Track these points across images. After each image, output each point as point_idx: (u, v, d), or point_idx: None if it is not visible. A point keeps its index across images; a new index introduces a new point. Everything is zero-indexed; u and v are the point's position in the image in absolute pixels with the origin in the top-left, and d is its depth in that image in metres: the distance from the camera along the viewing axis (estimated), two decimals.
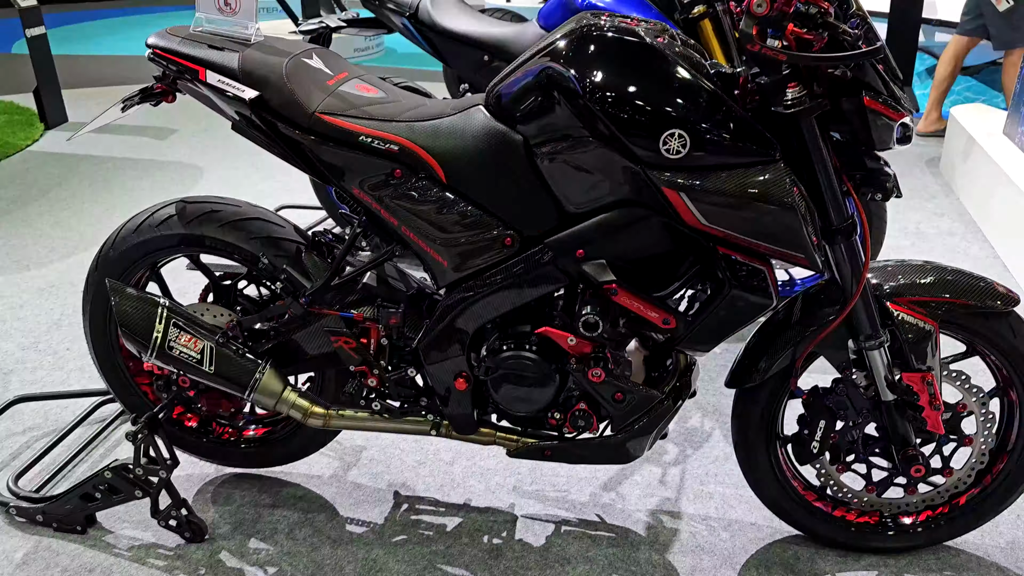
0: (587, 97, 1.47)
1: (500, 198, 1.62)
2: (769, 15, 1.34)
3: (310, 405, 1.83)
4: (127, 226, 1.90)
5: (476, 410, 1.81)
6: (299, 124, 1.64)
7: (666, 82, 1.45)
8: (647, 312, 1.60)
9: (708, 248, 1.55)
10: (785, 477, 1.87)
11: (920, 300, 1.65)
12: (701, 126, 1.44)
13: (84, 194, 4.34)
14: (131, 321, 1.77)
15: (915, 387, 1.66)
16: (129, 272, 1.91)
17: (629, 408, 1.70)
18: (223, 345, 1.79)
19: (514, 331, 1.73)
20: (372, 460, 2.25)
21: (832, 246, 1.58)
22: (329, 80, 1.71)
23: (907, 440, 1.72)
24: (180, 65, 1.67)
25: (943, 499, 1.85)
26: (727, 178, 1.46)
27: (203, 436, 2.10)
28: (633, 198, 1.53)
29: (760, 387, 1.77)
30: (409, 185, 1.64)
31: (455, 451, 2.28)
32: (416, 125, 1.64)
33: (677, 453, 2.27)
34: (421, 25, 3.00)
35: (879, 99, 1.44)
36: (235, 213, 1.85)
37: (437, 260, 1.68)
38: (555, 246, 1.60)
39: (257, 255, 1.81)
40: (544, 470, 2.20)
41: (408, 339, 1.78)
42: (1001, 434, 1.79)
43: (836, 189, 1.53)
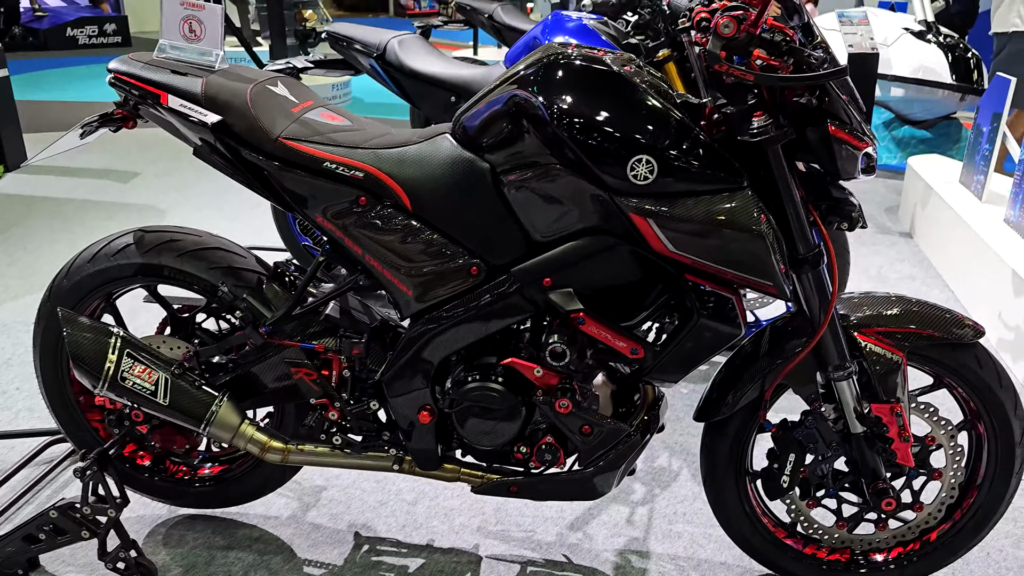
0: (555, 123, 1.46)
1: (466, 226, 1.60)
2: (735, 36, 1.35)
3: (268, 439, 1.77)
4: (82, 255, 1.85)
5: (440, 445, 1.76)
6: (262, 149, 1.61)
7: (633, 108, 1.45)
8: (615, 342, 1.58)
9: (676, 276, 1.54)
10: (755, 513, 1.83)
11: (887, 331, 1.65)
12: (668, 152, 1.44)
13: (43, 234, 4.25)
14: (83, 351, 1.70)
15: (884, 419, 1.65)
16: (83, 303, 1.85)
17: (597, 441, 1.67)
18: (179, 377, 1.73)
19: (480, 363, 1.69)
20: (332, 500, 2.18)
21: (799, 275, 1.57)
22: (294, 107, 1.69)
23: (877, 473, 1.70)
24: (141, 89, 1.64)
25: (914, 535, 1.83)
26: (694, 204, 1.45)
27: (156, 475, 2.02)
28: (601, 225, 1.52)
29: (729, 420, 1.74)
30: (374, 213, 1.61)
31: (418, 491, 2.22)
32: (382, 152, 1.62)
33: (645, 492, 2.23)
34: (388, 66, 3.00)
35: (844, 128, 1.45)
36: (195, 243, 1.81)
37: (401, 290, 1.65)
38: (521, 275, 1.58)
39: (216, 285, 1.76)
40: (509, 509, 2.14)
41: (371, 371, 1.74)
42: (970, 468, 1.78)
43: (802, 218, 1.53)
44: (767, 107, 1.48)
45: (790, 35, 1.39)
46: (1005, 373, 1.69)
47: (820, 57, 1.39)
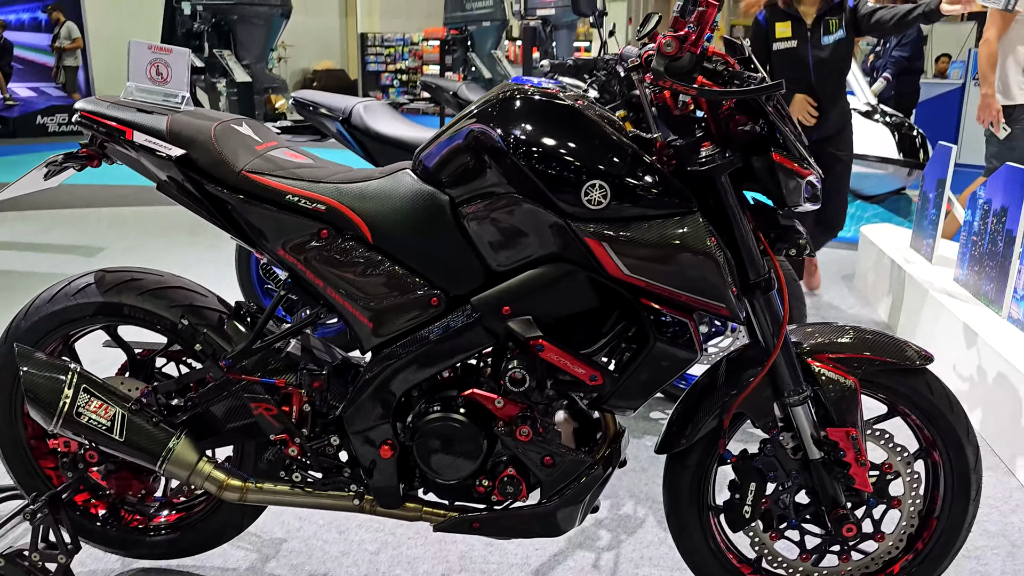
0: (512, 153, 1.51)
1: (426, 258, 1.63)
2: (678, 55, 1.42)
3: (226, 477, 1.74)
4: (41, 296, 1.85)
5: (402, 484, 1.75)
6: (226, 183, 1.64)
7: (586, 136, 1.52)
8: (574, 368, 1.60)
9: (632, 301, 1.57)
10: (719, 548, 1.82)
11: (840, 357, 1.69)
12: (620, 177, 1.49)
13: (2, 307, 4.20)
14: (38, 387, 1.68)
15: (841, 443, 1.67)
16: (40, 344, 1.83)
17: (559, 473, 1.66)
18: (136, 413, 1.71)
19: (441, 395, 1.69)
20: (292, 551, 2.13)
21: (751, 301, 1.62)
22: (258, 146, 1.73)
23: (837, 500, 1.71)
24: (108, 127, 1.68)
25: (877, 566, 1.82)
26: (647, 228, 1.50)
27: (109, 524, 1.96)
28: (558, 253, 1.56)
29: (689, 451, 1.76)
30: (336, 245, 1.64)
31: (380, 541, 2.17)
32: (344, 187, 1.66)
33: (611, 538, 2.21)
34: (354, 130, 3.07)
35: (787, 156, 1.52)
36: (156, 282, 1.82)
37: (362, 322, 1.67)
38: (481, 304, 1.60)
39: (177, 322, 1.77)
40: (474, 556, 2.11)
41: (331, 407, 1.73)
42: (928, 496, 1.80)
43: (752, 244, 1.58)
44: (714, 138, 1.55)
45: (732, 63, 1.47)
46: (956, 400, 1.73)
47: (759, 79, 1.47)
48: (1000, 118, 4.31)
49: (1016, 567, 2.12)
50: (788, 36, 3.72)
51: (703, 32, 1.43)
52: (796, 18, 3.72)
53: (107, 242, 5.58)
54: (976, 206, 3.43)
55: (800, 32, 3.72)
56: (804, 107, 3.70)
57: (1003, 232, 3.16)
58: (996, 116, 4.31)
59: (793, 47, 3.72)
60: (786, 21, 3.73)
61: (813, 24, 3.69)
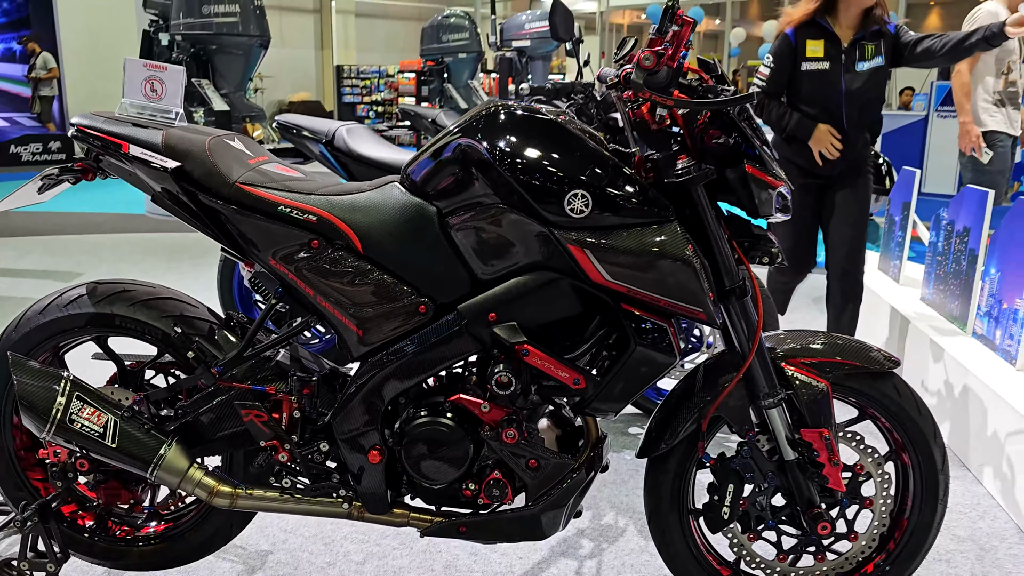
0: (497, 164, 1.58)
1: (414, 267, 1.69)
2: (656, 69, 1.50)
3: (216, 483, 1.77)
4: (33, 308, 1.88)
5: (389, 490, 1.78)
6: (220, 194, 1.69)
7: (568, 148, 1.59)
8: (557, 372, 1.65)
9: (613, 307, 1.64)
10: (700, 551, 1.88)
11: (812, 361, 1.76)
12: (601, 187, 1.56)
13: None
14: (32, 395, 1.71)
15: (815, 444, 1.73)
16: (31, 355, 1.85)
17: (543, 476, 1.71)
18: (128, 420, 1.74)
19: (428, 401, 1.74)
20: (279, 563, 2.15)
21: (727, 307, 1.69)
22: (250, 159, 1.79)
23: (812, 501, 1.77)
24: (104, 140, 1.73)
25: (852, 566, 1.88)
26: (627, 236, 1.57)
27: (96, 536, 1.97)
28: (542, 261, 1.62)
29: (670, 455, 1.81)
30: (326, 255, 1.69)
31: (366, 552, 2.20)
32: (334, 199, 1.72)
33: (592, 547, 2.25)
34: (337, 152, 3.14)
35: (759, 167, 1.60)
36: (147, 293, 1.86)
37: (351, 329, 1.71)
38: (467, 311, 1.66)
39: (168, 332, 1.80)
40: (459, 565, 2.14)
41: (321, 414, 1.77)
42: (899, 497, 1.87)
43: (727, 252, 1.66)
44: (690, 152, 1.63)
45: (706, 79, 1.56)
46: (923, 402, 1.81)
47: (731, 92, 1.56)
48: (981, 143, 4.49)
49: (984, 569, 2.19)
50: (820, 56, 3.25)
51: (679, 48, 1.52)
52: (831, 37, 3.24)
53: (83, 268, 5.58)
54: (940, 227, 3.55)
55: (834, 53, 3.24)
56: (828, 139, 3.23)
57: (966, 251, 3.28)
58: (976, 141, 4.49)
59: (824, 69, 3.24)
60: (819, 40, 3.26)
61: (848, 46, 3.23)
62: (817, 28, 3.24)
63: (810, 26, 3.25)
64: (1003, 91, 4.71)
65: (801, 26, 3.26)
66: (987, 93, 4.66)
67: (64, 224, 7.17)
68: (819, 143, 3.23)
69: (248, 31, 6.57)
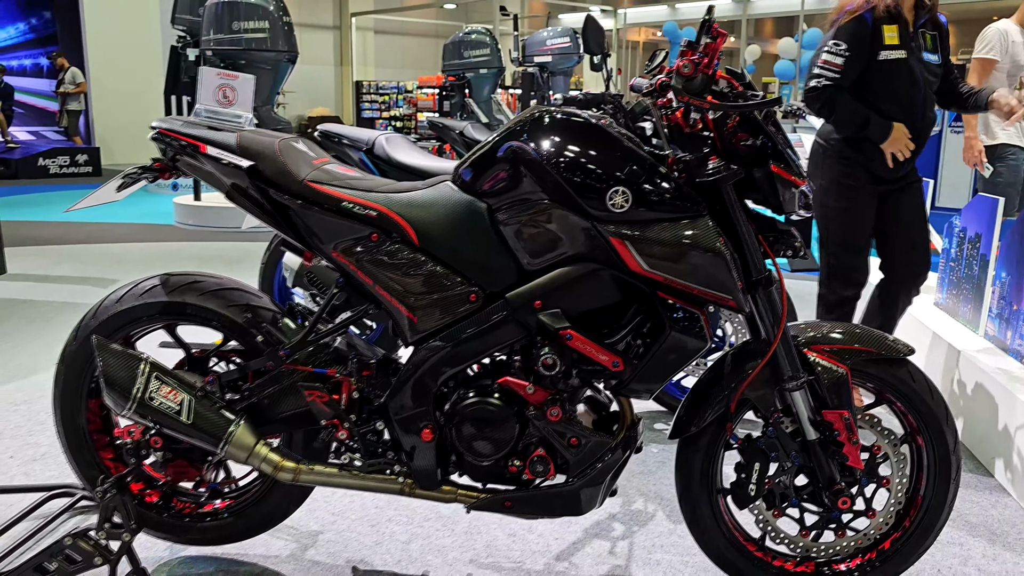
0: (545, 163, 1.73)
1: (466, 259, 1.84)
2: (693, 76, 1.65)
3: (281, 459, 1.92)
4: (109, 297, 2.03)
5: (439, 468, 1.92)
6: (289, 190, 1.85)
7: (610, 148, 1.74)
8: (598, 355, 1.79)
9: (650, 295, 1.78)
10: (728, 527, 2.00)
11: (832, 348, 1.90)
12: (640, 184, 1.71)
13: (24, 332, 4.36)
14: (115, 375, 1.86)
15: (835, 424, 1.86)
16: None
17: (584, 453, 1.85)
18: (201, 399, 1.89)
19: (476, 384, 1.89)
20: (329, 542, 2.29)
21: (754, 296, 1.83)
22: (315, 160, 1.94)
23: (833, 478, 1.90)
24: (183, 142, 1.89)
25: (869, 542, 2.01)
26: (664, 229, 1.72)
27: (163, 512, 2.12)
28: (585, 252, 1.77)
29: (700, 436, 1.95)
30: (385, 247, 1.84)
31: (411, 532, 2.34)
32: (392, 196, 1.87)
33: (624, 530, 2.38)
34: (376, 159, 3.31)
35: (783, 167, 1.75)
36: (216, 284, 2.01)
37: (407, 316, 1.86)
38: (515, 300, 1.80)
39: (236, 320, 1.95)
40: (499, 545, 2.27)
41: (377, 395, 1.92)
42: (914, 477, 1.99)
43: (754, 245, 1.80)
44: (720, 152, 1.78)
45: (736, 85, 1.71)
46: (936, 388, 1.94)
47: (759, 96, 1.71)
48: (983, 158, 4.63)
49: (995, 551, 2.31)
50: (896, 44, 2.92)
51: (713, 58, 1.67)
52: (903, 21, 2.94)
53: (115, 275, 5.75)
54: (953, 235, 3.68)
55: (906, 39, 2.94)
56: (904, 140, 2.95)
57: (978, 257, 3.40)
58: (979, 157, 4.63)
59: (901, 58, 2.93)
60: (893, 25, 2.93)
61: (914, 31, 2.97)
62: (887, 11, 2.91)
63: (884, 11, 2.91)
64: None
65: (874, 7, 2.91)
66: None
67: (95, 234, 7.38)
68: (895, 144, 2.96)
69: (277, 47, 6.76)
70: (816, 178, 3.23)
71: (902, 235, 3.19)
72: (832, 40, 2.94)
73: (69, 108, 13.16)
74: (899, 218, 3.17)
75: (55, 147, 12.21)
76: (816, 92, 3.00)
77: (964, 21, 13.88)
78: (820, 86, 2.99)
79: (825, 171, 3.19)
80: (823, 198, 3.20)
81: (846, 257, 3.20)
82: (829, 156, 3.17)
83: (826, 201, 3.19)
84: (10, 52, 13.86)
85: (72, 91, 13.00)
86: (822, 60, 2.96)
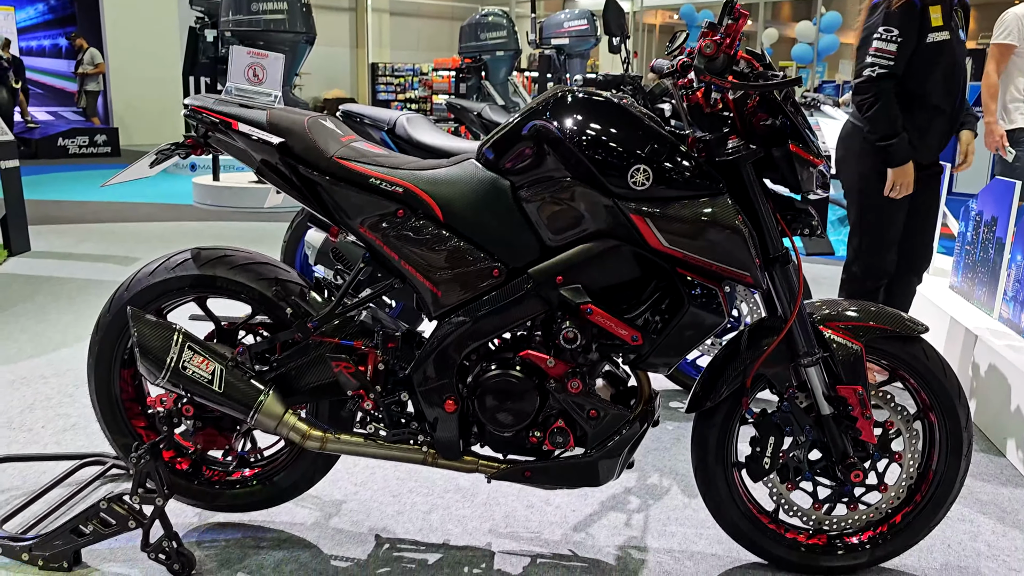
0: (568, 142, 1.77)
1: (489, 235, 1.88)
2: (716, 56, 1.69)
3: (309, 428, 1.98)
4: (142, 270, 2.09)
5: (461, 439, 1.98)
6: (318, 166, 1.90)
7: (631, 127, 1.78)
8: (618, 330, 1.84)
9: (669, 272, 1.82)
10: (742, 500, 2.05)
11: (847, 325, 1.93)
12: (661, 162, 1.75)
13: (50, 308, 4.44)
14: (149, 345, 1.92)
15: (849, 399, 1.91)
16: None
17: (602, 425, 1.90)
18: (232, 369, 1.95)
19: (499, 357, 1.94)
20: (352, 511, 2.36)
21: (771, 273, 1.87)
22: (342, 137, 1.99)
23: (846, 452, 1.95)
24: (215, 119, 1.94)
25: (881, 516, 2.05)
26: (683, 206, 1.76)
27: (193, 479, 2.19)
28: (606, 229, 1.81)
29: (716, 410, 1.99)
30: (410, 223, 1.89)
31: (431, 503, 2.40)
32: (418, 173, 1.92)
33: (639, 503, 2.43)
34: (397, 139, 3.35)
35: (801, 146, 1.78)
36: (245, 258, 2.07)
37: (432, 291, 1.91)
38: (537, 275, 1.85)
39: (265, 293, 2.01)
40: (517, 516, 2.33)
41: (402, 367, 1.97)
42: (926, 453, 2.04)
43: (772, 223, 1.84)
44: (739, 132, 1.81)
45: (756, 65, 1.74)
46: (948, 365, 1.97)
47: (779, 76, 1.74)
48: (1004, 142, 4.63)
49: (1004, 528, 2.35)
50: (940, 25, 2.88)
51: (735, 39, 1.70)
52: (947, 1, 2.90)
53: (137, 253, 5.84)
54: (969, 218, 3.69)
55: (948, 19, 2.89)
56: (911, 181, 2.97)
57: (994, 240, 3.42)
58: (1000, 141, 4.63)
59: (946, 40, 2.91)
60: (937, 5, 2.89)
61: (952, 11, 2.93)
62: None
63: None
64: None
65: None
66: (1018, 92, 4.79)
67: (117, 213, 7.47)
68: (904, 177, 2.97)
69: (295, 28, 6.79)
70: (850, 163, 3.18)
71: (920, 220, 3.23)
72: (883, 27, 2.90)
73: (88, 89, 13.25)
74: (918, 204, 3.20)
75: (74, 127, 12.32)
76: (871, 82, 2.91)
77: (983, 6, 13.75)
78: (875, 75, 2.90)
79: (864, 158, 3.09)
80: (862, 185, 3.12)
81: (880, 248, 3.16)
82: (869, 142, 3.04)
83: (866, 189, 3.10)
84: (29, 32, 13.96)
85: (91, 72, 13.09)
86: (874, 48, 2.91)
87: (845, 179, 3.26)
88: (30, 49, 13.78)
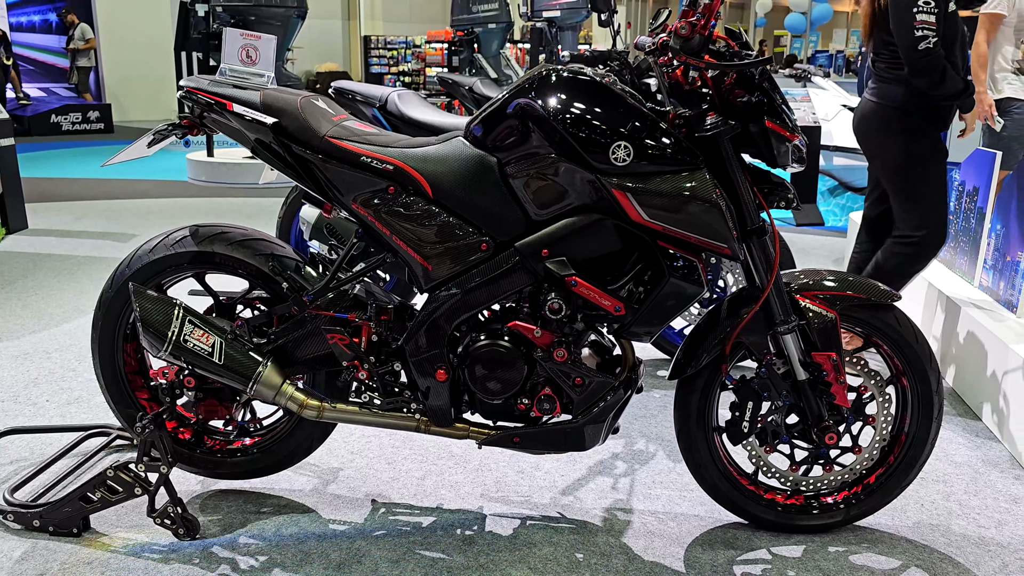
0: (552, 119, 1.83)
1: (477, 210, 1.95)
2: (691, 37, 1.75)
3: (306, 398, 2.06)
4: (142, 248, 2.16)
5: (453, 407, 2.06)
6: (311, 145, 1.96)
7: (613, 104, 1.84)
8: (601, 300, 1.92)
9: (650, 244, 1.89)
10: (722, 462, 2.14)
11: (823, 294, 2.01)
12: (642, 138, 1.82)
13: (51, 284, 4.51)
14: (151, 319, 2.00)
15: (824, 365, 1.99)
16: None
17: (587, 392, 1.98)
18: (231, 342, 2.02)
19: (488, 327, 2.01)
20: (349, 477, 2.45)
21: (748, 244, 1.94)
22: (334, 116, 2.05)
23: (821, 416, 2.03)
24: (210, 100, 2.00)
25: (855, 476, 2.15)
26: (663, 180, 1.83)
27: (195, 448, 2.28)
28: (589, 203, 1.88)
29: (697, 376, 2.07)
30: (401, 199, 1.96)
31: (425, 469, 2.49)
32: (408, 150, 1.98)
33: (626, 467, 2.53)
34: (389, 115, 3.40)
35: (777, 122, 1.85)
36: (242, 235, 2.13)
37: (422, 265, 1.98)
38: (523, 248, 1.92)
39: (262, 268, 2.08)
40: (507, 481, 2.42)
41: (395, 338, 2.05)
42: (898, 417, 2.12)
43: (749, 196, 1.91)
44: (717, 109, 1.88)
45: (732, 45, 1.80)
46: (920, 332, 2.06)
47: (753, 55, 1.80)
48: (993, 112, 4.68)
49: (976, 488, 2.45)
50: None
51: (710, 19, 1.76)
52: None
53: (136, 229, 5.89)
54: (952, 188, 3.76)
55: None
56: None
57: (975, 210, 3.50)
58: (989, 111, 4.68)
59: (955, 9, 2.99)
60: None
61: None
62: None
63: None
64: (1022, 60, 4.88)
65: None
66: (1005, 61, 4.84)
67: (114, 190, 7.52)
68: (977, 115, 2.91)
69: (286, 2, 6.80)
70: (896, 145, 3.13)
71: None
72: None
73: (79, 65, 13.20)
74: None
75: (67, 104, 12.29)
76: (931, 54, 2.87)
77: None
78: (933, 46, 2.88)
79: (911, 136, 3.10)
80: (914, 162, 3.08)
81: (945, 213, 3.17)
82: (916, 120, 3.06)
83: (921, 164, 3.09)
84: (19, 8, 13.86)
85: (82, 47, 13.04)
86: (919, 21, 2.90)
87: (891, 160, 3.18)
88: (20, 24, 13.69)
